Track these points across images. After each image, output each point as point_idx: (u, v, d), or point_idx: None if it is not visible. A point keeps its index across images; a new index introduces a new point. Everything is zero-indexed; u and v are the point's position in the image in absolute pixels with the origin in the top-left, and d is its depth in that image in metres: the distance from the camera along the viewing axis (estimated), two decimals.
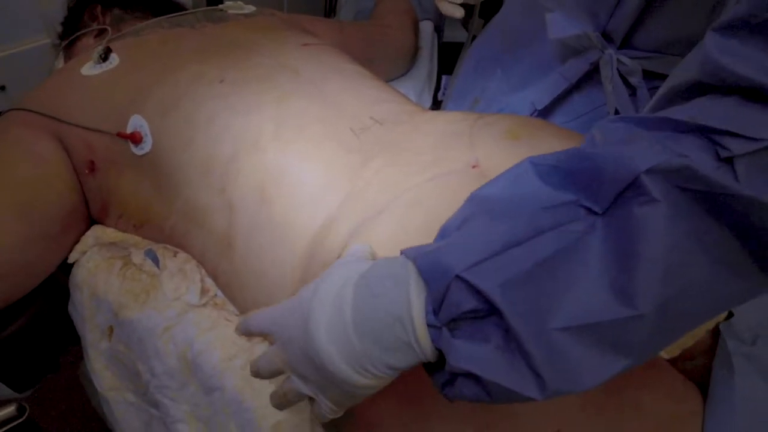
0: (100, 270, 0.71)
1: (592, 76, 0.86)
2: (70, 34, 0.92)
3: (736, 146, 0.31)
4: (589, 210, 0.33)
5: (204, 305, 0.68)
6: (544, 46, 0.89)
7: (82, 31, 0.89)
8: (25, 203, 0.67)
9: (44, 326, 0.72)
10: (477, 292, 0.32)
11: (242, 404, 0.63)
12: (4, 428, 0.69)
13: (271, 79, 0.68)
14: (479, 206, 0.36)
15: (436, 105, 1.17)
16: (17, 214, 0.66)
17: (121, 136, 0.69)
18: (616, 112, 0.84)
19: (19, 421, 0.70)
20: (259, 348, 0.65)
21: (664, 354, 0.57)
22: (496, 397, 0.33)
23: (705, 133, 0.32)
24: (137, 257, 0.71)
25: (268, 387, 0.63)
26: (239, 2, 0.88)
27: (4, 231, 0.65)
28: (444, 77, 1.19)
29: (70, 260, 0.72)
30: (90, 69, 0.74)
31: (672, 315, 0.32)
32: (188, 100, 0.68)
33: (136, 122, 0.69)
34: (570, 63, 0.87)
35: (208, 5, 1.24)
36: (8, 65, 0.99)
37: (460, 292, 0.33)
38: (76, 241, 0.73)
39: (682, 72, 0.35)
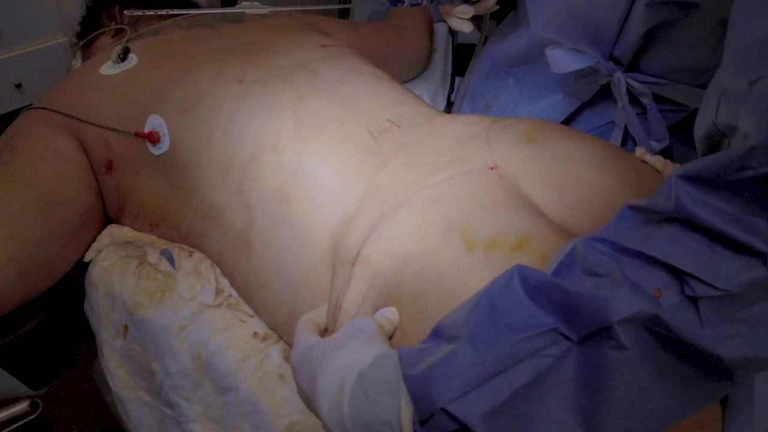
0: (115, 269, 0.71)
1: (603, 93, 0.86)
2: (87, 33, 0.92)
3: (700, 290, 0.34)
4: (566, 336, 0.36)
5: (218, 306, 0.68)
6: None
7: (100, 31, 0.90)
8: (45, 200, 0.67)
9: (60, 324, 0.72)
10: (459, 420, 0.36)
11: (256, 405, 0.63)
12: (18, 424, 0.69)
13: (290, 79, 0.68)
14: (467, 329, 0.38)
15: (451, 107, 1.17)
16: (37, 211, 0.66)
17: (139, 135, 0.69)
18: (626, 128, 0.84)
19: (32, 417, 0.70)
20: (273, 350, 0.66)
21: None
22: None
23: (674, 270, 0.35)
24: (153, 256, 0.72)
25: (281, 388, 0.64)
26: (256, 2, 0.89)
27: (25, 227, 0.65)
28: (457, 79, 1.18)
29: (87, 259, 0.73)
30: (109, 68, 0.74)
31: None
32: (207, 99, 0.68)
33: (154, 122, 0.69)
34: (581, 84, 0.87)
35: (222, 5, 1.24)
36: (24, 63, 1.00)
37: (445, 419, 0.36)
38: (93, 240, 0.74)
39: (659, 200, 0.37)
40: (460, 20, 1.07)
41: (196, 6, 0.98)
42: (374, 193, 0.57)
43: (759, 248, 0.33)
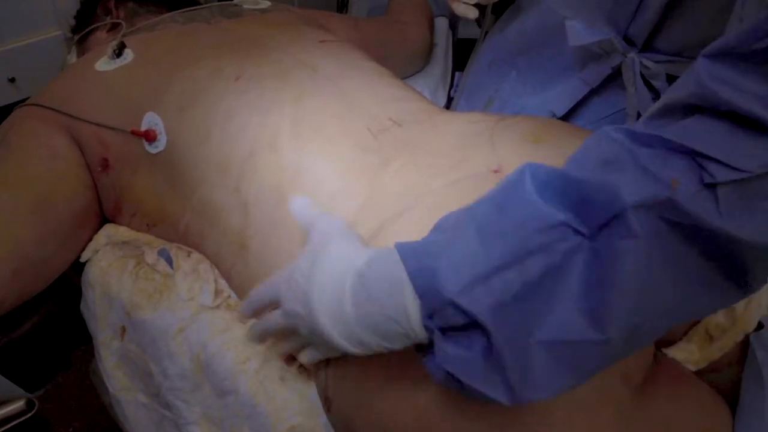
0: (112, 269, 0.70)
1: (612, 79, 0.85)
2: (82, 27, 0.91)
3: (720, 174, 0.33)
4: (577, 231, 0.35)
5: (217, 307, 0.67)
6: (563, 51, 0.88)
7: (95, 25, 0.88)
8: (40, 199, 0.66)
9: (56, 325, 0.71)
10: (467, 312, 0.35)
11: (256, 408, 0.62)
12: (13, 423, 0.68)
13: (289, 76, 0.66)
14: (473, 220, 0.37)
15: (451, 102, 1.15)
16: (33, 209, 0.65)
17: (135, 133, 0.68)
18: (638, 115, 0.82)
19: (28, 416, 0.69)
20: (274, 351, 0.64)
21: (691, 366, 0.56)
22: (470, 395, 0.37)
23: (693, 156, 0.33)
24: (150, 256, 0.70)
25: (282, 391, 0.63)
26: None
27: (20, 226, 0.64)
28: (457, 74, 1.17)
29: (83, 259, 0.72)
30: (104, 64, 0.73)
31: (635, 339, 0.35)
32: (204, 96, 0.66)
33: (150, 120, 0.68)
34: (591, 68, 0.85)
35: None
36: (18, 57, 0.98)
37: (453, 312, 0.35)
38: (89, 240, 0.73)
39: (678, 90, 0.36)
40: (466, 5, 1.05)
41: (192, 2, 0.97)
42: (376, 198, 0.55)
43: None
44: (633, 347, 0.37)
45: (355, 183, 0.58)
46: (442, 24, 1.18)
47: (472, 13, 1.05)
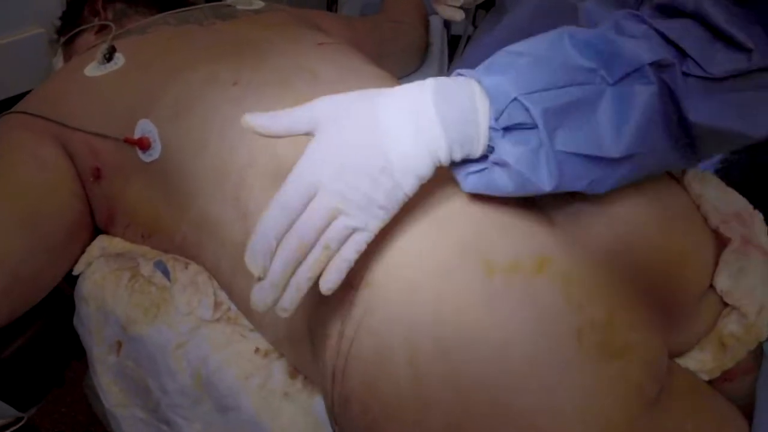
0: (107, 282, 0.68)
1: None
2: (69, 29, 0.88)
3: (693, 69, 0.45)
4: (603, 79, 0.45)
5: (217, 320, 0.65)
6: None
7: (83, 27, 0.85)
8: (29, 212, 0.63)
9: (48, 341, 0.69)
10: (527, 110, 0.44)
11: (260, 425, 0.60)
12: None
13: (288, 82, 0.64)
14: (527, 55, 0.46)
15: None
16: (21, 223, 0.63)
17: (129, 141, 0.65)
18: None
19: (17, 426, 0.67)
20: (276, 366, 0.63)
21: (705, 375, 0.55)
22: (517, 187, 0.46)
23: (680, 51, 0.45)
24: (146, 269, 0.68)
25: (287, 407, 0.61)
26: None
27: (9, 241, 0.61)
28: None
29: (76, 272, 0.69)
30: (94, 69, 0.70)
31: (633, 166, 0.47)
32: (200, 103, 0.64)
33: (144, 127, 0.66)
34: None
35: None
36: None
37: (516, 109, 0.44)
38: (82, 252, 0.70)
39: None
40: (452, 8, 1.03)
41: (182, 1, 0.94)
42: None
43: (747, 45, 0.44)
44: (630, 177, 0.48)
45: None
46: (436, 22, 1.17)
47: (459, 15, 1.03)
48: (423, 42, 1.09)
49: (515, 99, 0.44)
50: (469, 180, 0.48)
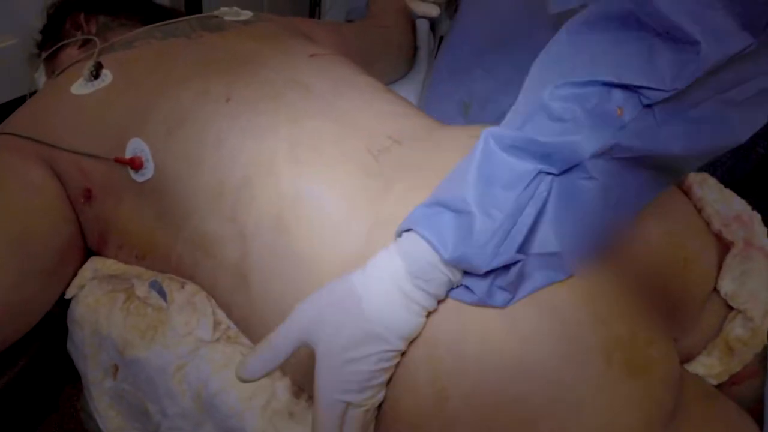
0: (101, 305, 0.66)
1: None
2: (50, 44, 0.85)
3: (653, 95, 0.42)
4: (548, 173, 0.43)
5: (217, 340, 0.64)
6: (539, 35, 0.86)
7: (65, 42, 0.83)
8: (18, 237, 0.61)
9: (42, 368, 0.67)
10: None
11: None
12: None
13: (282, 96, 0.63)
14: (476, 204, 0.44)
15: None
16: (10, 249, 0.61)
17: (120, 161, 0.64)
18: None
19: None
20: (280, 386, 0.62)
21: (713, 380, 0.55)
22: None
23: (626, 87, 0.42)
24: (141, 290, 0.67)
25: (293, 427, 0.60)
26: (235, 8, 0.83)
27: None
28: None
29: (68, 295, 0.67)
30: (81, 87, 0.68)
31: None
32: (193, 120, 0.63)
33: (135, 146, 0.64)
34: None
35: (186, 7, 1.17)
36: None
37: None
38: (74, 275, 0.68)
39: (608, 4, 0.44)
40: (426, 3, 1.02)
41: (166, 11, 0.92)
42: (383, 227, 0.52)
43: (695, 38, 0.40)
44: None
45: (359, 210, 0.55)
46: (423, 26, 1.16)
47: (434, 11, 1.02)
48: (411, 46, 1.09)
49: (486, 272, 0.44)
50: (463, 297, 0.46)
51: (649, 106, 0.42)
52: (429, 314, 0.46)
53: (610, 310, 0.45)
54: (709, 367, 0.55)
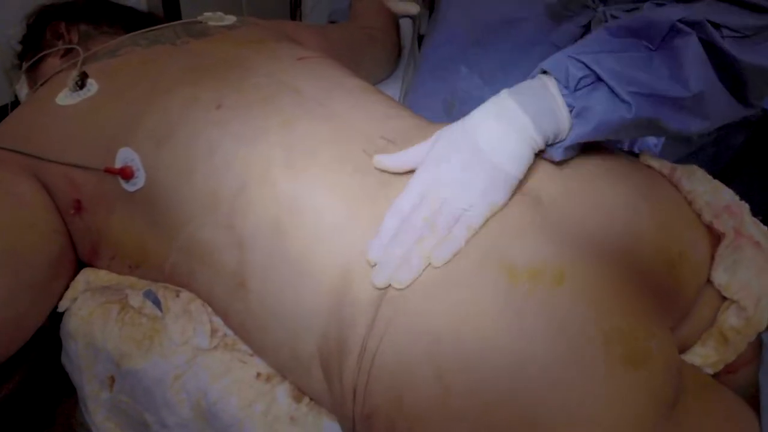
0: (95, 317, 0.65)
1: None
2: (31, 54, 0.84)
3: (725, 32, 0.51)
4: (647, 48, 0.52)
5: (215, 348, 0.63)
6: (523, 27, 0.86)
7: (47, 51, 0.82)
8: (8, 252, 0.60)
9: (36, 384, 0.66)
10: (583, 64, 0.52)
11: None
12: None
13: (273, 101, 0.63)
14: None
15: None
16: (0, 265, 0.60)
17: (110, 171, 0.63)
18: None
19: None
20: (280, 391, 0.61)
21: (709, 369, 0.56)
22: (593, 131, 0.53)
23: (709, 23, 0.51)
24: (135, 300, 0.66)
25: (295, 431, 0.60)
26: (219, 13, 0.82)
27: None
28: None
29: (61, 308, 0.66)
30: (66, 98, 0.67)
31: (701, 104, 0.52)
32: (183, 128, 0.62)
33: (125, 155, 0.63)
34: (560, 30, 0.84)
35: (165, 10, 1.16)
36: None
37: (574, 67, 0.52)
38: (66, 287, 0.67)
39: None
40: (403, 2, 1.02)
41: (148, 18, 0.91)
42: (379, 223, 0.53)
43: (765, 6, 0.52)
44: (702, 110, 0.53)
45: (357, 211, 0.55)
46: (407, 25, 1.16)
47: (413, 8, 1.02)
48: (396, 46, 1.09)
49: (569, 57, 0.52)
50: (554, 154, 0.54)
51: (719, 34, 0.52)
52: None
53: (609, 304, 0.46)
54: (704, 357, 0.56)
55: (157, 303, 0.66)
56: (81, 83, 0.67)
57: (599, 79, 0.52)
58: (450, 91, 0.97)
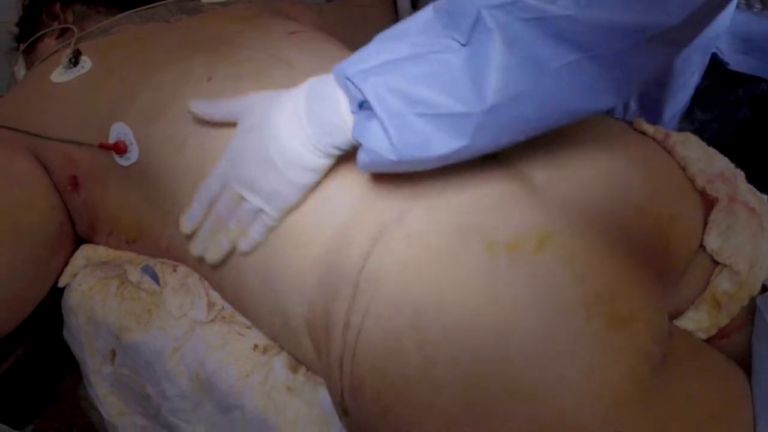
0: (95, 292, 0.66)
1: None
2: (28, 35, 0.84)
3: None
4: (458, 42, 0.43)
5: (212, 321, 0.64)
6: None
7: (42, 32, 0.82)
8: (7, 230, 0.61)
9: (40, 357, 0.67)
10: (355, 86, 0.46)
11: (266, 422, 0.60)
12: None
13: (265, 73, 0.63)
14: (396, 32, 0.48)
15: None
16: (1, 243, 0.61)
17: (104, 147, 0.63)
18: None
19: None
20: (277, 361, 0.62)
21: (702, 334, 0.56)
22: (371, 164, 0.47)
23: None
24: (134, 275, 0.67)
25: (292, 401, 0.60)
26: None
27: None
28: None
29: (61, 284, 0.67)
30: (60, 75, 0.68)
31: (503, 117, 0.44)
32: (175, 102, 0.62)
33: (119, 130, 0.64)
34: None
35: None
36: None
37: (350, 89, 0.46)
38: (65, 263, 0.68)
39: None
40: None
41: None
42: (370, 196, 0.53)
43: None
44: (508, 128, 0.45)
45: (346, 180, 0.55)
46: (404, 4, 1.15)
47: None
48: (393, 23, 1.08)
49: (346, 78, 0.46)
50: (358, 159, 0.49)
51: None
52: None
53: (590, 268, 0.46)
54: (697, 321, 0.56)
55: (155, 277, 0.66)
56: (74, 61, 0.68)
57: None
58: None
